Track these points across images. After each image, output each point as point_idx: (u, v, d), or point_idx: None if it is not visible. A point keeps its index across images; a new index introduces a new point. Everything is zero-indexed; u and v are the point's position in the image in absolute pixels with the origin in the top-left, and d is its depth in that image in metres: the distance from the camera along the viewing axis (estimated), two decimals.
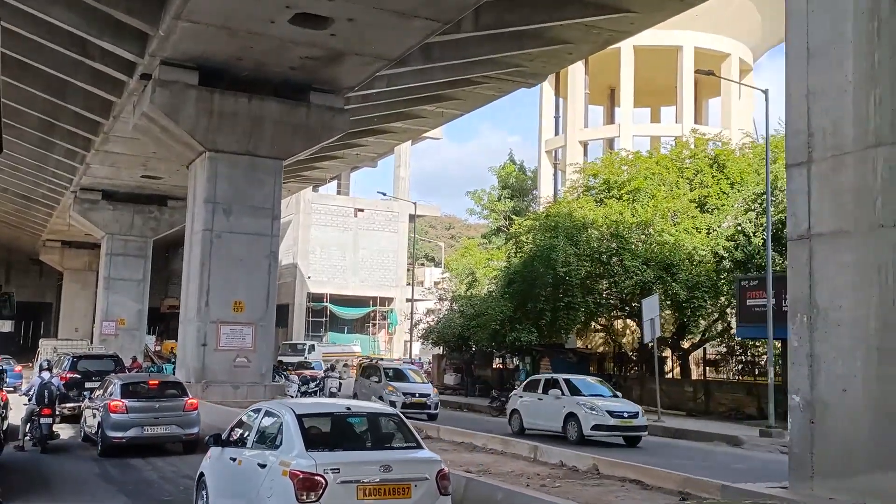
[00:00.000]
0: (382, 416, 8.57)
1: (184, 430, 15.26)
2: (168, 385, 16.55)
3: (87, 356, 24.90)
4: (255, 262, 20.44)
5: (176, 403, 15.59)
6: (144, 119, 20.22)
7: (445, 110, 28.61)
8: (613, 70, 42.51)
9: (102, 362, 23.18)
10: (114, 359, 23.86)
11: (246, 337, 20.10)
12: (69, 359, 23.18)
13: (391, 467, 7.39)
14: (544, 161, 44.26)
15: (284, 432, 7.80)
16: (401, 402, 21.71)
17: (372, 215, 55.70)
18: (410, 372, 25.23)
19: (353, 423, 8.50)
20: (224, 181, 20.27)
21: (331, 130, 21.17)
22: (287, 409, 8.07)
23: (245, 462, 8.18)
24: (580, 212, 26.48)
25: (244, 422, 8.87)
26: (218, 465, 8.81)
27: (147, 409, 15.16)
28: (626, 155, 29.60)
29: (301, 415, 7.92)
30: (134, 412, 14.98)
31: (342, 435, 8.20)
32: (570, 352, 28.69)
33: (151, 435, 15.10)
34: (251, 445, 8.33)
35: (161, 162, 30.29)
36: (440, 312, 38.66)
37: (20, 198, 40.91)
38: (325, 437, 7.99)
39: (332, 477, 7.13)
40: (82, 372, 21.82)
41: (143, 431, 14.95)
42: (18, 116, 27.45)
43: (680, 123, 38.89)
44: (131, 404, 15.04)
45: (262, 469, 7.75)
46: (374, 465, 7.42)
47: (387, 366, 25.80)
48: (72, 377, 21.38)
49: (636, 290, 24.26)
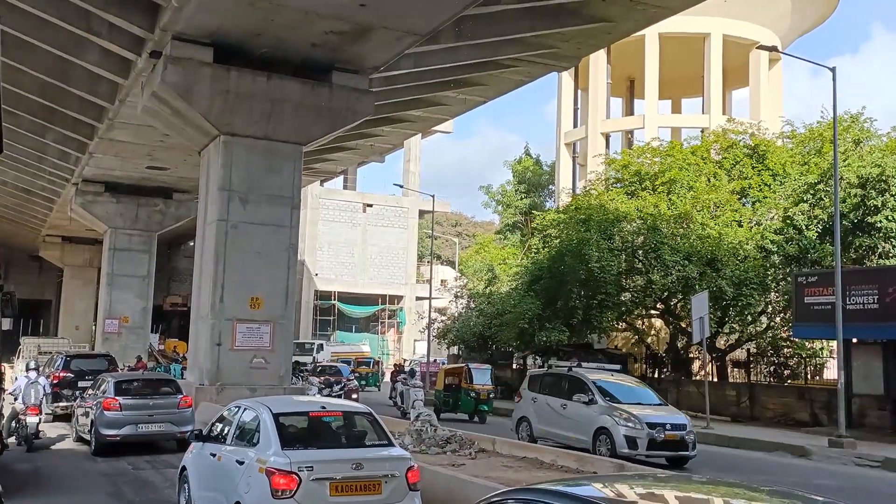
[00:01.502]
0: (356, 415, 8.88)
1: (178, 427, 15.33)
2: (162, 383, 16.82)
3: (79, 355, 25.18)
4: (273, 255, 18.92)
5: (170, 401, 15.82)
6: (154, 100, 18.68)
7: (468, 97, 27.08)
8: (633, 61, 41.09)
9: (95, 361, 23.38)
10: (107, 358, 23.82)
11: (264, 336, 18.59)
12: (62, 358, 23.30)
13: (362, 465, 7.76)
14: (563, 154, 42.74)
15: (261, 430, 8.14)
16: (645, 439, 14.42)
17: (381, 211, 54.19)
18: (632, 385, 17.21)
19: (328, 421, 8.82)
20: (240, 167, 18.75)
21: (354, 113, 19.63)
22: (264, 408, 8.38)
23: (224, 458, 8.54)
24: (612, 204, 24.97)
25: (224, 417, 9.23)
26: (199, 460, 9.20)
27: (141, 407, 15.35)
28: (660, 145, 28.09)
29: (277, 413, 8.25)
30: (128, 410, 15.16)
31: (317, 433, 8.56)
32: (600, 353, 27.18)
33: (145, 433, 15.29)
34: (230, 442, 8.69)
35: (168, 151, 28.79)
36: (453, 311, 37.21)
37: (19, 191, 39.34)
38: (301, 436, 8.35)
39: (306, 474, 7.48)
40: (75, 371, 22.01)
41: (137, 429, 15.15)
42: (18, 102, 25.94)
43: (707, 114, 37.39)
44: (125, 402, 15.24)
45: (240, 465, 8.10)
46: (346, 462, 7.78)
47: (593, 377, 16.46)
48: (64, 376, 21.57)
49: (676, 286, 22.77)
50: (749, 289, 22.23)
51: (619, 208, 24.64)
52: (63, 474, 12.99)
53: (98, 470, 13.37)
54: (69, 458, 14.68)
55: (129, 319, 35.28)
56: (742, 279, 22.29)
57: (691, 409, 23.28)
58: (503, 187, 46.79)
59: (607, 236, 23.78)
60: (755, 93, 38.28)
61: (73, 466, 13.74)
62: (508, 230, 46.37)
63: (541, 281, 26.59)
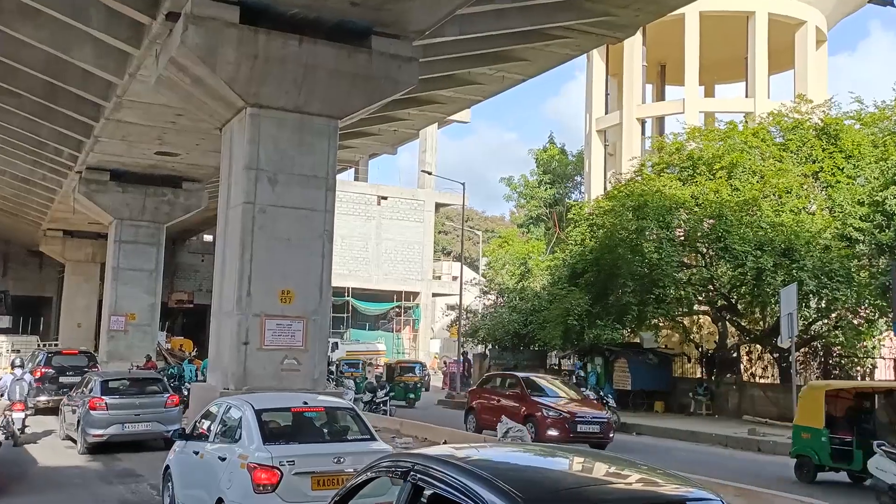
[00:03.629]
0: (339, 410, 9.11)
1: (165, 426, 15.44)
2: (148, 382, 16.99)
3: (60, 352, 26.72)
4: (306, 243, 16.80)
5: (156, 400, 16.07)
6: (172, 68, 16.52)
7: (507, 74, 24.94)
8: (665, 46, 39.05)
9: (76, 358, 24.63)
10: (87, 354, 25.58)
11: (296, 334, 16.46)
12: (43, 354, 24.64)
13: (344, 459, 7.81)
14: (595, 141, 40.52)
15: (244, 426, 8.19)
16: None
17: (396, 204, 51.98)
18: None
19: (310, 416, 8.94)
20: (269, 144, 16.60)
21: (395, 84, 17.47)
22: (247, 405, 8.45)
23: (207, 455, 8.61)
24: (668, 190, 22.79)
25: (208, 414, 9.26)
26: (182, 458, 9.25)
27: (128, 407, 15.52)
28: (718, 126, 25.89)
29: (260, 410, 8.33)
30: (114, 409, 15.31)
31: (299, 428, 8.69)
32: (650, 352, 25.00)
33: (132, 432, 15.44)
34: (213, 439, 8.76)
35: (179, 134, 26.63)
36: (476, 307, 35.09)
37: (18, 181, 37.15)
38: (283, 431, 8.48)
39: (288, 468, 7.57)
40: (56, 367, 23.02)
41: (123, 429, 15.30)
42: (15, 79, 23.79)
43: (752, 98, 35.20)
44: (112, 401, 15.41)
45: (222, 462, 8.17)
46: (327, 456, 7.87)
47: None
48: (46, 372, 22.44)
49: (745, 278, 20.61)
50: (835, 282, 20.03)
51: (675, 195, 22.45)
52: (49, 469, 13.10)
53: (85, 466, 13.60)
54: (55, 452, 14.88)
55: (136, 316, 33.08)
56: (825, 271, 20.09)
57: (759, 415, 21.18)
58: (525, 178, 44.58)
59: (665, 225, 21.62)
60: (802, 75, 36.05)
61: (58, 461, 13.98)
62: (532, 223, 44.10)
63: (585, 274, 24.44)
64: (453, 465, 3.65)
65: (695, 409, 23.05)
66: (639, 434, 19.86)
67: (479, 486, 3.35)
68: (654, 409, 24.08)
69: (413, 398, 28.74)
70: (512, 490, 3.26)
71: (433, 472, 3.68)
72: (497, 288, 33.54)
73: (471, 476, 3.46)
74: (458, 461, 3.73)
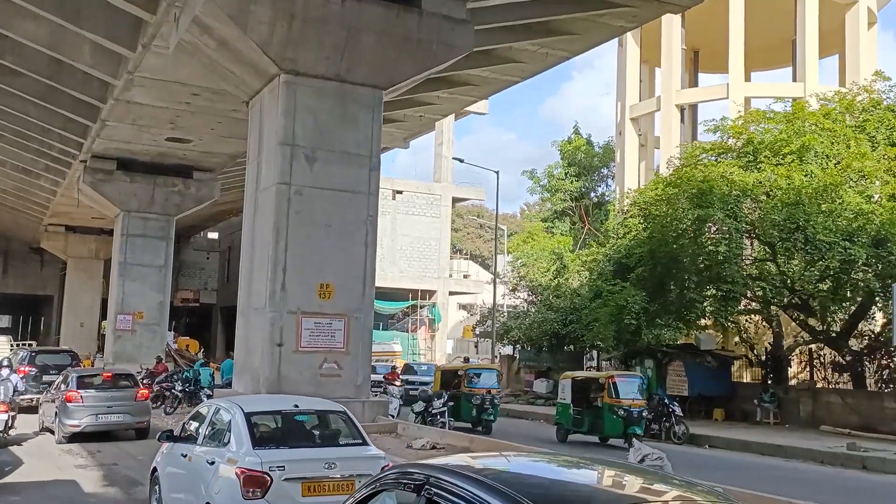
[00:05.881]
0: (330, 414, 8.81)
1: (135, 418, 16.87)
2: (120, 377, 18.10)
3: (44, 351, 27.50)
4: (347, 229, 14.78)
5: (127, 393, 17.10)
6: (195, 29, 14.50)
7: (551, 50, 22.84)
8: (699, 32, 37.12)
9: (59, 357, 25.19)
10: (70, 353, 26.05)
11: (336, 334, 14.43)
12: (27, 353, 25.34)
13: (335, 464, 7.63)
14: (629, 129, 38.45)
15: (233, 430, 8.01)
16: None
17: (412, 198, 49.87)
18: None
19: (301, 420, 8.76)
20: (306, 116, 14.57)
21: (448, 48, 15.45)
22: (236, 407, 8.26)
23: (195, 458, 8.39)
24: (732, 177, 20.72)
25: (196, 417, 9.06)
26: (170, 461, 9.07)
27: (101, 399, 16.59)
28: (784, 109, 23.82)
29: (249, 413, 8.12)
30: (89, 402, 16.36)
31: (289, 432, 8.47)
32: (708, 354, 22.91)
33: (105, 423, 16.49)
34: (201, 442, 8.52)
35: (194, 117, 24.61)
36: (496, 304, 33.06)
37: (19, 172, 35.11)
38: (273, 435, 8.34)
39: (278, 474, 7.36)
40: (40, 366, 23.50)
41: (97, 420, 16.31)
42: (21, 56, 21.84)
43: (801, 82, 33.16)
44: (86, 394, 16.45)
45: (210, 466, 7.96)
46: (318, 462, 7.66)
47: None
48: (29, 371, 22.66)
49: (828, 272, 18.56)
50: None
51: (741, 181, 20.40)
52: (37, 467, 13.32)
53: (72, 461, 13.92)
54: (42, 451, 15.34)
55: (144, 315, 31.05)
56: None
57: (837, 425, 19.16)
58: (550, 170, 42.49)
59: (732, 214, 19.60)
60: (853, 57, 34.01)
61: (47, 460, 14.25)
62: (556, 217, 42.05)
63: (637, 269, 22.41)
64: (471, 479, 3.41)
65: (761, 417, 21.00)
66: (711, 447, 17.72)
67: (499, 502, 3.14)
68: (714, 416, 22.04)
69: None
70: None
71: (449, 485, 3.42)
72: (529, 285, 31.53)
73: (490, 491, 3.24)
74: (476, 474, 3.51)
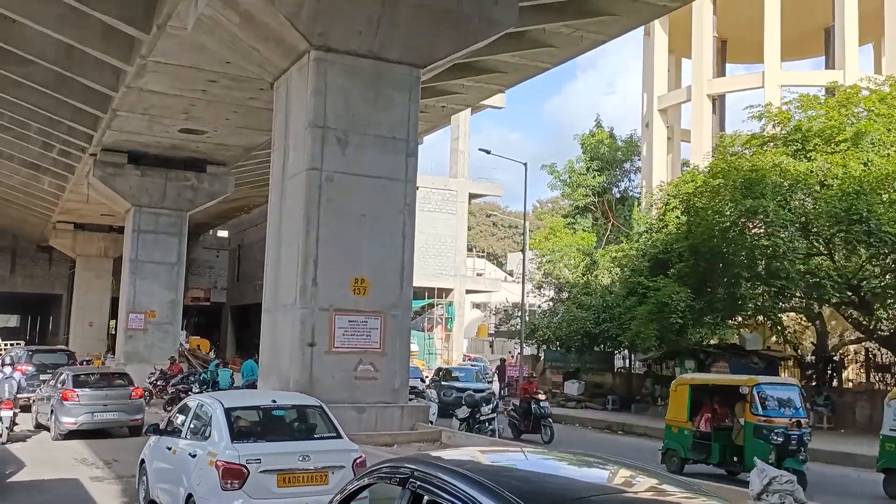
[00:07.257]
0: (307, 408, 9.25)
1: (129, 415, 17.22)
2: (115, 376, 18.61)
3: (41, 350, 28.23)
4: (383, 219, 13.59)
5: (122, 392, 17.50)
6: (216, 3, 13.34)
7: (587, 33, 21.57)
8: (728, 22, 35.95)
9: (56, 356, 25.96)
10: (67, 353, 27.04)
11: (371, 333, 13.25)
12: (25, 352, 26.09)
13: (310, 456, 8.03)
14: (657, 120, 37.18)
15: (213, 424, 8.40)
16: None
17: (427, 194, 48.65)
18: None
19: (279, 415, 9.14)
20: (338, 96, 13.39)
21: (490, 23, 14.29)
22: (217, 402, 8.68)
23: (179, 451, 8.82)
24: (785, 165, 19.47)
25: (184, 409, 9.48)
26: (156, 453, 9.53)
27: (96, 397, 16.97)
28: (837, 94, 22.56)
29: (229, 408, 8.54)
30: (84, 400, 16.74)
31: (267, 427, 8.88)
32: (755, 354, 21.65)
33: (100, 420, 16.86)
34: (185, 435, 8.94)
35: (209, 107, 23.47)
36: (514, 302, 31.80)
37: (27, 167, 34.05)
38: (251, 429, 8.76)
39: (254, 466, 7.74)
40: (37, 365, 23.91)
41: (93, 417, 16.69)
42: (30, 45, 20.74)
43: (841, 70, 31.86)
44: (82, 392, 16.83)
45: (192, 458, 8.35)
46: (293, 454, 8.07)
47: None
48: (27, 370, 23.11)
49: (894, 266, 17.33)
50: None
51: (792, 170, 19.16)
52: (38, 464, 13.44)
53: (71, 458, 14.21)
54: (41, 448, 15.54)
55: (156, 314, 29.97)
56: None
57: None
58: (571, 165, 41.28)
59: (785, 205, 18.37)
60: (892, 44, 32.68)
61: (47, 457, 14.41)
62: (578, 213, 40.81)
63: (677, 264, 21.18)
64: (455, 473, 3.41)
65: (814, 421, 19.76)
66: None
67: (481, 494, 3.15)
68: None
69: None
70: (516, 499, 3.06)
71: (433, 479, 3.46)
72: (555, 283, 30.31)
73: (472, 484, 3.24)
74: (460, 468, 3.50)
